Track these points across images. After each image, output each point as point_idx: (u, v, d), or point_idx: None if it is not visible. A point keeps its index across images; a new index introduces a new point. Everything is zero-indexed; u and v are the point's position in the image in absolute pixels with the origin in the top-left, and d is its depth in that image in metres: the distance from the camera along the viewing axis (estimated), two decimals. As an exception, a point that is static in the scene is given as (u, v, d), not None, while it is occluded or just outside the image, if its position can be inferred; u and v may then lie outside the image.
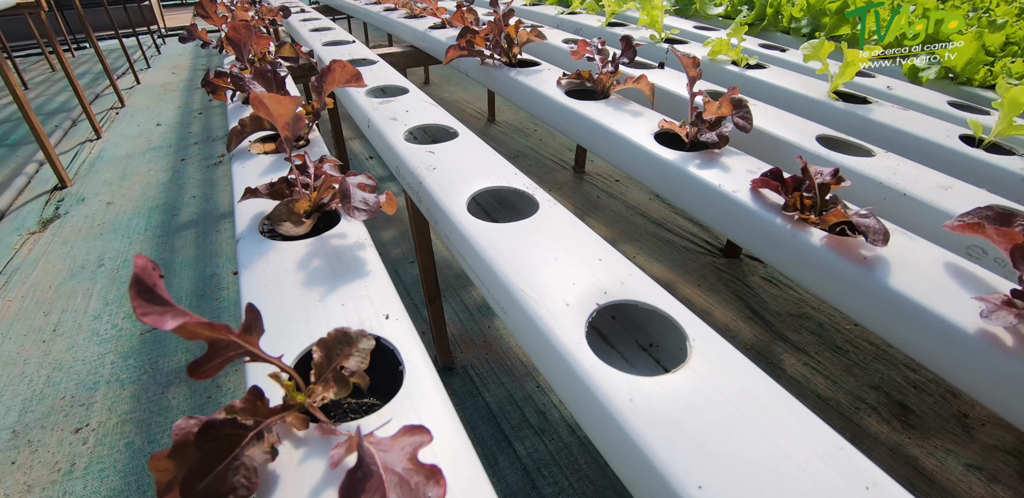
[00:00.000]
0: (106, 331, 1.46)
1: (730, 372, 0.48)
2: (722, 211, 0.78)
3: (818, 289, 0.68)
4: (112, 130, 3.23)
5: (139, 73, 3.96)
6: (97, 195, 2.34)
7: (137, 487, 1.04)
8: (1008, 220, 0.60)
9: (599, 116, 1.03)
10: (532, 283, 0.59)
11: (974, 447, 1.11)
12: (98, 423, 1.19)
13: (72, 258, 1.83)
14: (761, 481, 0.39)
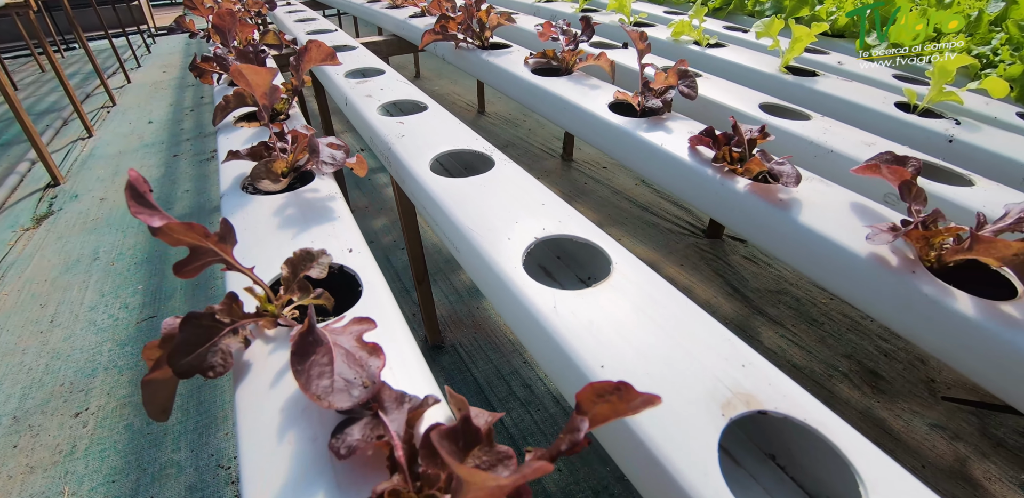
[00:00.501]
0: (103, 321, 1.51)
1: (643, 285, 0.57)
2: (664, 167, 0.87)
3: (743, 230, 0.77)
4: (103, 128, 3.30)
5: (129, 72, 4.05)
6: (90, 191, 2.40)
7: (138, 465, 1.09)
8: (902, 162, 0.69)
9: (561, 90, 1.12)
10: (481, 225, 0.68)
11: (939, 409, 1.19)
12: (97, 407, 1.23)
13: (67, 252, 1.88)
14: (654, 361, 0.48)
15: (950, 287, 0.59)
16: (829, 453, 0.42)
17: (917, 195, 0.66)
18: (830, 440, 0.42)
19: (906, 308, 0.61)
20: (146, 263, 1.80)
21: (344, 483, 0.37)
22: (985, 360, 0.56)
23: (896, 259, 0.63)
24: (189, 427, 1.17)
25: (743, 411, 0.44)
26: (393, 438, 0.37)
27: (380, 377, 0.42)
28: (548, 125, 2.91)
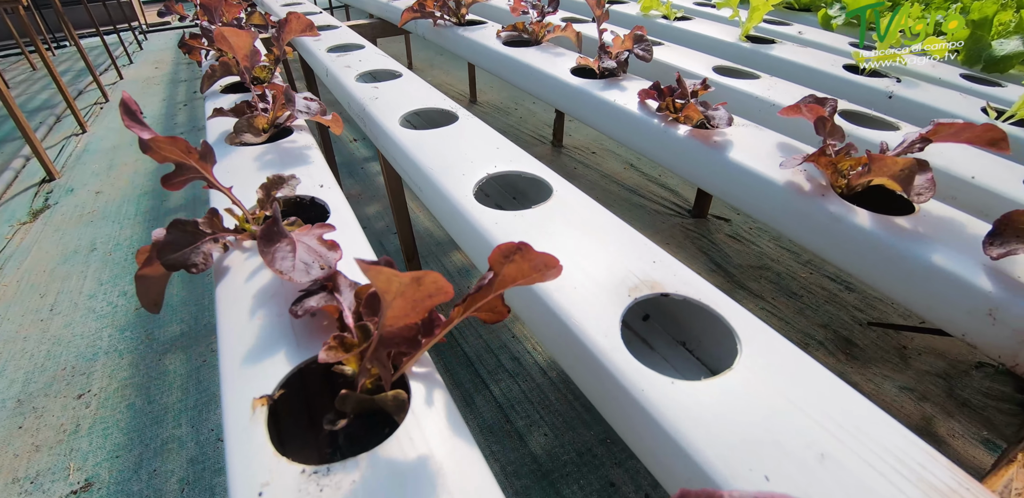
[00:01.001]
0: (102, 308, 1.56)
1: (577, 207, 0.66)
2: (617, 121, 0.96)
3: (684, 171, 0.86)
4: (97, 124, 3.36)
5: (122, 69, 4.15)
6: (86, 185, 2.45)
7: (140, 441, 1.14)
8: (821, 102, 0.78)
9: (529, 59, 1.21)
10: (440, 165, 0.77)
11: (909, 373, 1.26)
12: (99, 389, 1.28)
13: (64, 244, 1.92)
14: (577, 259, 0.57)
15: (854, 206, 0.68)
16: (722, 330, 0.51)
17: (833, 131, 0.75)
18: (718, 312, 0.51)
19: (817, 227, 0.70)
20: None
21: (303, 342, 0.47)
22: (883, 269, 0.65)
23: (809, 186, 0.72)
24: (189, 405, 1.23)
25: (647, 293, 0.53)
26: (343, 306, 0.46)
27: (336, 266, 0.51)
28: (539, 113, 3.00)
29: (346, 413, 0.42)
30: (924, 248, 0.61)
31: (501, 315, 0.47)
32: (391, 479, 0.36)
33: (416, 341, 0.37)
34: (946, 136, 0.64)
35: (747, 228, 1.82)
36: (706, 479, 0.38)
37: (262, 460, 0.37)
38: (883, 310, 1.45)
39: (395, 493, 0.35)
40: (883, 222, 0.66)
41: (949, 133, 0.63)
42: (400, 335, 0.37)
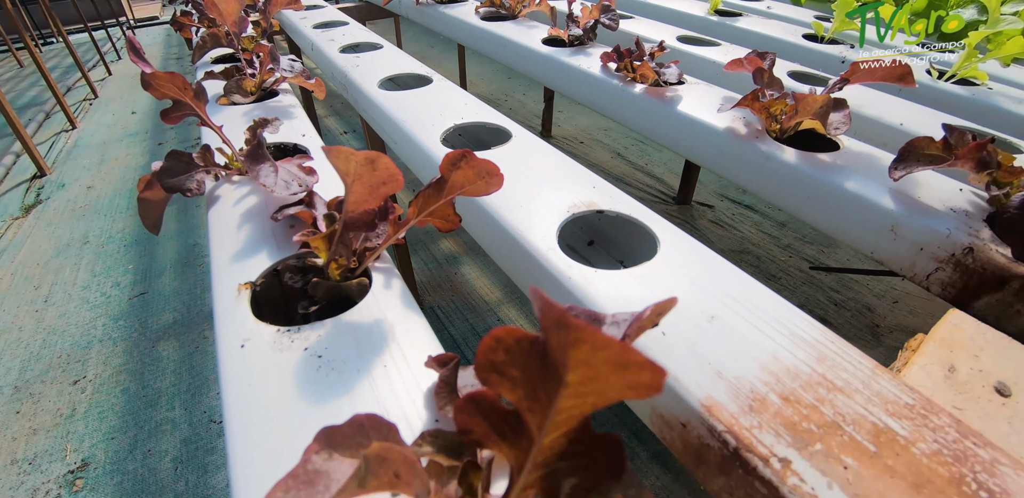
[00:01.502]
0: (96, 299, 1.61)
1: (532, 153, 0.76)
2: (581, 84, 1.05)
3: (640, 126, 0.95)
4: (87, 120, 3.42)
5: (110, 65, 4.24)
6: (77, 180, 2.49)
7: (135, 423, 1.19)
8: (762, 56, 0.87)
9: (504, 32, 1.31)
10: (412, 119, 0.86)
11: (880, 349, 1.33)
12: (94, 375, 1.33)
13: (57, 238, 1.94)
14: (529, 190, 0.66)
15: (784, 146, 0.77)
16: (651, 243, 0.60)
17: (771, 82, 0.84)
18: (644, 223, 0.60)
19: (752, 166, 0.79)
20: (135, 245, 1.91)
21: (282, 245, 0.56)
22: (807, 199, 0.74)
23: (746, 130, 0.81)
24: (182, 388, 1.28)
25: (584, 210, 0.62)
26: (316, 213, 0.55)
27: (313, 187, 0.60)
28: (528, 104, 3.10)
29: (317, 299, 0.51)
30: (841, 178, 0.70)
31: (453, 224, 0.55)
32: (350, 333, 0.45)
33: (373, 224, 0.46)
34: (862, 75, 0.73)
35: (729, 214, 1.90)
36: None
37: (244, 324, 0.46)
38: (858, 290, 1.54)
39: (351, 340, 0.44)
40: (808, 158, 0.75)
41: (864, 73, 0.72)
42: (361, 220, 0.46)
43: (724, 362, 0.43)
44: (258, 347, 0.44)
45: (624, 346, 0.17)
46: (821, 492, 0.35)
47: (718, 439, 0.39)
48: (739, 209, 1.92)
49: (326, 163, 0.72)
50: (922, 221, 0.63)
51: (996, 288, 0.58)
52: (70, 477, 1.08)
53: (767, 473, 0.36)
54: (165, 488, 1.05)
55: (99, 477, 1.08)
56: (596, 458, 0.23)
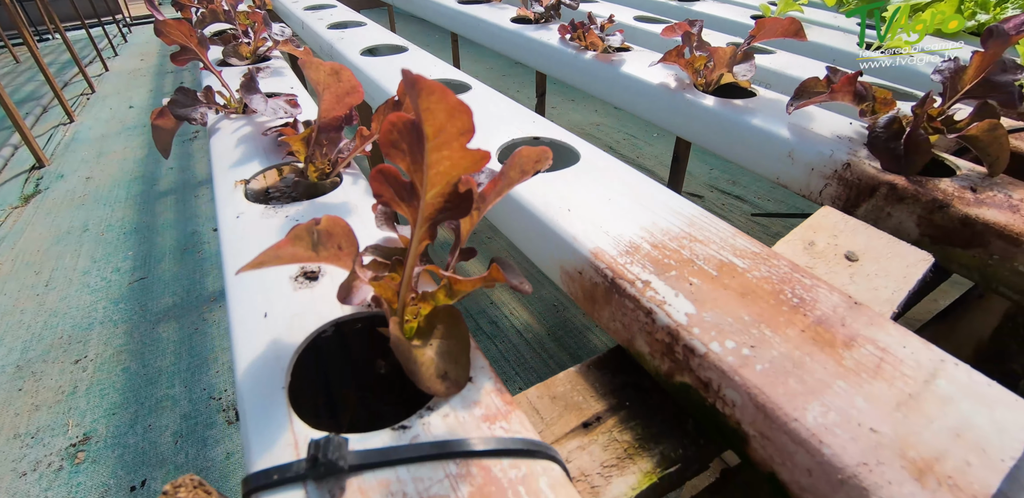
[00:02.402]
0: (96, 283, 1.67)
1: (481, 96, 0.90)
2: (543, 55, 1.20)
3: (592, 88, 1.09)
4: (84, 114, 3.53)
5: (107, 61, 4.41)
6: (76, 172, 2.57)
7: (135, 400, 1.25)
8: (691, 24, 1.02)
9: (478, 13, 1.47)
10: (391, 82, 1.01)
11: None
12: (95, 355, 1.38)
13: (57, 226, 2.01)
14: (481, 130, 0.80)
15: (706, 95, 0.92)
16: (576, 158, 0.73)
17: (699, 44, 0.98)
18: (570, 144, 0.74)
19: (680, 113, 0.93)
20: (135, 233, 1.97)
21: (270, 156, 0.70)
22: (725, 137, 0.88)
23: (676, 84, 0.96)
24: (182, 367, 1.34)
25: (522, 136, 0.76)
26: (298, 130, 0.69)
27: (297, 117, 0.74)
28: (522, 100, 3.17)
29: (297, 195, 0.65)
30: (750, 117, 0.85)
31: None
32: (322, 209, 0.59)
33: (341, 128, 0.60)
34: (766, 33, 0.87)
35: (719, 204, 1.98)
36: (533, 218, 0.61)
37: (238, 205, 0.60)
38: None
39: (323, 211, 0.58)
40: (725, 103, 0.89)
41: (766, 30, 0.86)
42: (331, 124, 0.60)
43: (612, 226, 0.57)
44: (250, 218, 0.58)
45: (449, 94, 0.31)
46: (668, 299, 0.48)
47: (601, 275, 0.53)
48: (728, 199, 2.01)
49: (309, 102, 0.86)
50: (812, 146, 0.77)
51: (870, 195, 0.72)
52: (72, 450, 1.13)
53: (633, 291, 0.50)
54: (165, 460, 1.11)
55: (100, 450, 1.13)
56: (459, 210, 0.37)
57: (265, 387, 0.39)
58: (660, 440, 0.47)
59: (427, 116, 0.32)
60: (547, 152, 0.45)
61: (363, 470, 0.33)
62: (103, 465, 1.10)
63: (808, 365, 0.41)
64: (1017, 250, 0.60)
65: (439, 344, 0.40)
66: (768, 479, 0.41)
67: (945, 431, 0.36)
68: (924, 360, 0.42)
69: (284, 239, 0.35)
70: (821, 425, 0.37)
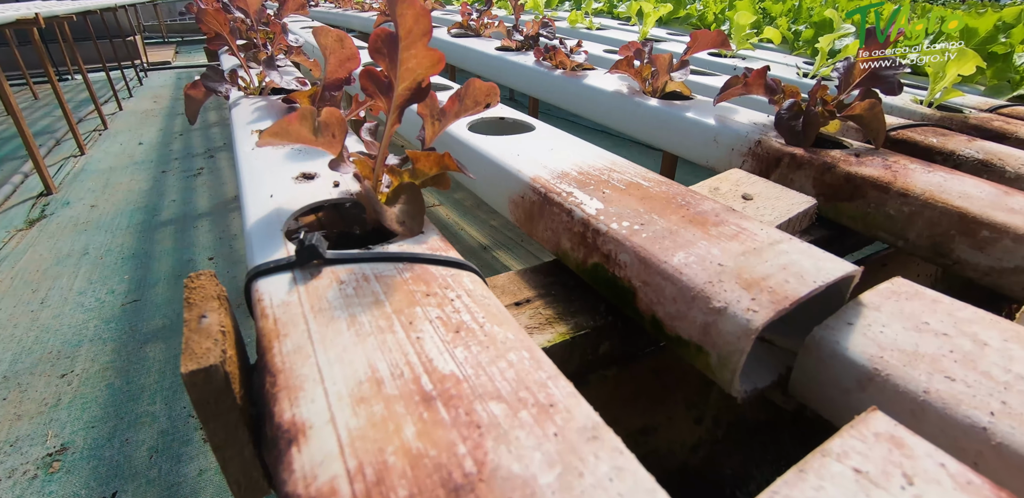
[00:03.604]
0: (90, 303, 1.75)
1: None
2: (520, 75, 1.43)
3: (563, 103, 1.30)
4: (95, 148, 3.75)
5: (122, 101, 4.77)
6: (81, 200, 2.73)
7: (116, 414, 1.30)
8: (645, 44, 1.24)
9: (469, 44, 1.72)
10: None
11: None
12: (82, 370, 1.45)
13: (58, 249, 2.12)
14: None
15: (652, 98, 1.11)
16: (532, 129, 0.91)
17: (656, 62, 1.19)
18: (529, 121, 0.92)
19: (629, 115, 1.12)
20: (132, 258, 2.09)
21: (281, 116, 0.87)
22: (665, 133, 1.06)
23: (627, 91, 1.16)
24: (165, 386, 1.40)
25: (490, 116, 0.94)
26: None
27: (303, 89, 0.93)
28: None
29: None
30: (685, 112, 1.04)
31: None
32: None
33: (341, 88, 0.78)
34: (698, 46, 1.08)
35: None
36: (491, 163, 0.77)
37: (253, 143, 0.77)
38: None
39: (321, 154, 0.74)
40: (667, 103, 1.08)
41: (699, 42, 1.08)
42: (334, 84, 0.78)
43: (549, 163, 0.74)
44: (261, 149, 0.74)
45: (417, 2, 0.48)
46: (584, 201, 0.64)
47: (538, 193, 0.68)
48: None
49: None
50: (732, 131, 0.95)
51: (776, 165, 0.89)
52: (48, 459, 1.17)
53: (559, 199, 0.65)
54: (138, 474, 1.15)
55: (76, 461, 1.17)
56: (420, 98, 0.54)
57: (268, 229, 0.53)
58: (576, 315, 0.60)
59: (401, 20, 0.49)
60: (495, 88, 0.63)
61: (336, 263, 0.47)
62: (76, 476, 1.14)
63: (681, 233, 0.56)
64: (887, 197, 0.75)
65: (401, 207, 0.55)
66: (650, 323, 0.54)
67: (775, 266, 0.50)
68: (776, 236, 0.56)
69: (293, 114, 0.51)
70: (683, 263, 0.51)
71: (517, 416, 0.32)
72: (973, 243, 0.67)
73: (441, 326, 0.40)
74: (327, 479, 0.29)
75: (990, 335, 0.46)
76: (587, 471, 0.29)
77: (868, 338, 0.47)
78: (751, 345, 0.44)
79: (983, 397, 0.41)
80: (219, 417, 0.40)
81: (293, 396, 0.34)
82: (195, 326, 0.42)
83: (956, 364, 0.44)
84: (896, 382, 0.43)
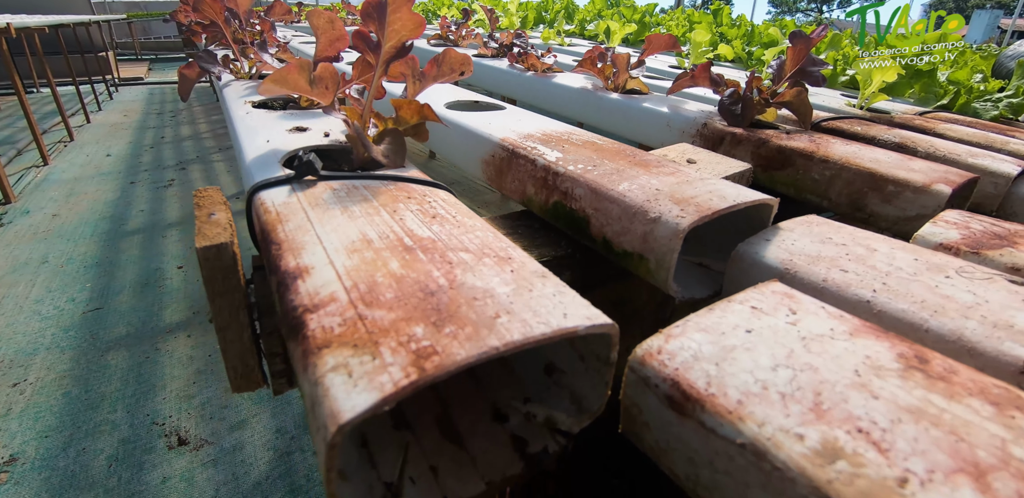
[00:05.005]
0: (47, 311, 1.71)
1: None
2: (495, 77, 1.56)
3: (534, 100, 1.42)
4: (60, 159, 3.69)
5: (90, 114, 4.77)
6: (42, 209, 2.67)
7: (72, 423, 1.26)
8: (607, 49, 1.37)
9: (444, 53, 1.85)
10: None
11: None
12: (36, 379, 1.41)
13: (15, 257, 2.07)
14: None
15: (612, 93, 1.24)
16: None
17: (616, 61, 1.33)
18: (502, 104, 1.03)
19: (593, 108, 1.25)
20: (95, 266, 2.03)
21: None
22: (626, 123, 1.18)
23: (591, 88, 1.29)
24: (127, 394, 1.36)
25: (467, 99, 1.05)
26: (295, 78, 0.96)
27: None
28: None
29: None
30: (642, 103, 1.16)
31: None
32: (307, 114, 0.84)
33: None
34: (653, 48, 1.22)
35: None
36: (467, 132, 0.87)
37: (246, 109, 0.85)
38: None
39: (308, 118, 0.83)
40: (626, 97, 1.21)
41: (653, 45, 1.22)
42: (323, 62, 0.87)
43: (517, 128, 0.84)
44: (255, 113, 0.82)
45: None
46: (546, 153, 0.74)
47: (507, 150, 0.78)
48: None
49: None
50: (682, 116, 1.08)
51: (720, 143, 1.01)
52: None
53: (524, 152, 0.75)
54: (95, 484, 1.12)
55: (25, 472, 1.13)
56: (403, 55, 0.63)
57: (266, 160, 0.61)
58: (540, 247, 0.69)
59: (388, -9, 0.59)
60: (469, 58, 0.73)
61: (330, 179, 0.55)
62: (26, 487, 1.11)
63: (627, 171, 0.66)
64: (812, 164, 0.88)
65: (386, 145, 0.64)
66: (602, 244, 0.63)
67: (703, 191, 0.61)
68: (707, 177, 0.67)
69: (291, 64, 0.61)
70: (626, 189, 0.61)
71: (481, 261, 0.40)
72: (882, 197, 0.79)
73: (420, 214, 0.48)
74: (328, 293, 0.36)
75: (880, 245, 0.57)
76: (535, 290, 0.37)
77: (782, 248, 0.57)
78: (680, 244, 0.53)
79: (868, 281, 0.51)
80: (225, 295, 0.47)
81: (296, 253, 0.42)
82: (206, 220, 0.49)
83: (850, 262, 0.54)
84: (802, 276, 0.53)
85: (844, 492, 0.26)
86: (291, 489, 1.15)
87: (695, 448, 0.33)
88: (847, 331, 0.38)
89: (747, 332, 0.38)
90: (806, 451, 0.28)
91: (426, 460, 0.36)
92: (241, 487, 1.15)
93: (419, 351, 0.30)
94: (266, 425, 1.32)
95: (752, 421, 0.30)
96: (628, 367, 0.37)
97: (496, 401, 0.41)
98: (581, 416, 0.38)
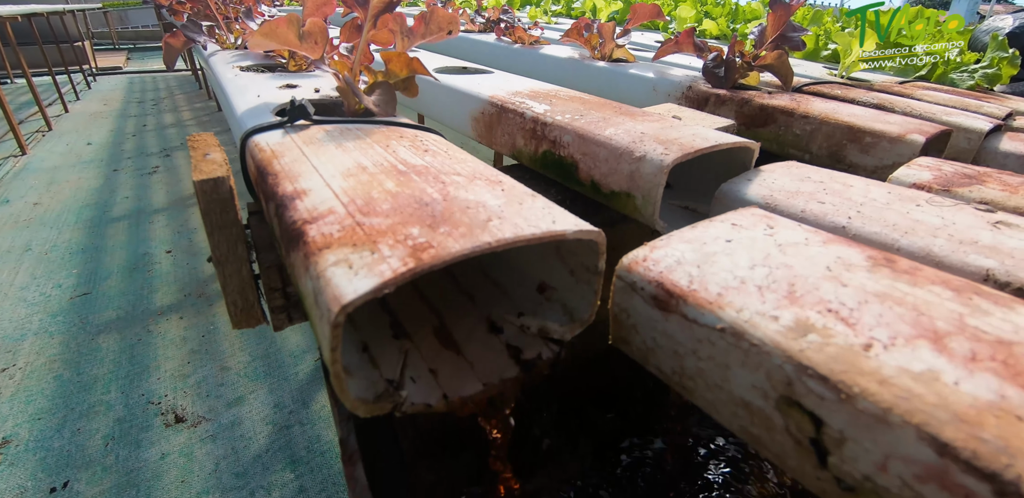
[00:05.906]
0: (34, 298, 1.71)
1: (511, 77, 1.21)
2: (484, 51, 1.58)
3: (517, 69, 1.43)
4: (38, 148, 3.64)
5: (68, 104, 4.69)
6: (23, 197, 2.64)
7: (65, 405, 1.27)
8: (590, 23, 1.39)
9: (430, 30, 1.85)
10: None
11: None
12: (25, 363, 1.41)
13: None
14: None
15: (599, 61, 1.26)
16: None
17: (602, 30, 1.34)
18: (489, 69, 1.04)
19: (582, 76, 1.26)
20: (81, 253, 2.02)
21: (259, 60, 0.96)
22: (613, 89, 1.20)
23: (579, 57, 1.30)
24: (120, 375, 1.37)
25: (455, 65, 1.06)
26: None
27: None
28: None
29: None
30: (628, 70, 1.18)
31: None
32: (296, 76, 0.85)
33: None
34: (638, 18, 1.24)
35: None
36: (457, 92, 0.88)
37: (235, 71, 0.86)
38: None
39: (296, 79, 0.84)
40: (613, 65, 1.23)
41: (638, 15, 1.23)
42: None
43: (505, 86, 0.86)
44: (244, 74, 0.83)
45: None
46: (534, 106, 0.75)
47: (496, 107, 0.80)
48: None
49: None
50: (668, 80, 1.10)
51: (705, 104, 1.03)
52: None
53: (513, 107, 0.77)
54: (92, 462, 1.13)
55: (20, 453, 1.14)
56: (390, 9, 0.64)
57: (258, 110, 0.62)
58: (530, 198, 0.71)
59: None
60: (456, 17, 0.74)
61: (323, 124, 0.56)
62: (21, 467, 1.11)
63: (613, 119, 0.68)
64: (793, 120, 0.90)
65: (376, 96, 0.65)
66: (591, 188, 0.65)
67: (686, 134, 0.63)
68: (689, 123, 0.69)
69: (280, 18, 0.62)
70: (612, 134, 0.63)
71: (473, 182, 0.42)
72: (861, 148, 0.81)
73: (412, 148, 0.50)
74: (326, 208, 0.38)
75: (856, 182, 0.59)
76: (525, 204, 0.39)
77: (763, 186, 0.59)
78: (665, 180, 0.55)
79: (844, 210, 0.53)
80: (223, 229, 0.48)
81: (293, 179, 0.43)
82: (201, 159, 0.50)
83: (827, 195, 0.56)
84: (782, 208, 0.55)
85: (814, 358, 0.29)
86: (292, 460, 1.17)
87: (679, 340, 0.35)
88: (821, 240, 0.40)
89: (727, 241, 0.40)
90: (780, 328, 0.31)
91: (425, 364, 0.38)
92: (241, 460, 1.17)
93: (416, 246, 0.31)
94: (263, 401, 1.34)
95: (731, 308, 0.33)
96: (615, 276, 0.39)
97: (491, 316, 0.43)
98: (573, 324, 0.40)
